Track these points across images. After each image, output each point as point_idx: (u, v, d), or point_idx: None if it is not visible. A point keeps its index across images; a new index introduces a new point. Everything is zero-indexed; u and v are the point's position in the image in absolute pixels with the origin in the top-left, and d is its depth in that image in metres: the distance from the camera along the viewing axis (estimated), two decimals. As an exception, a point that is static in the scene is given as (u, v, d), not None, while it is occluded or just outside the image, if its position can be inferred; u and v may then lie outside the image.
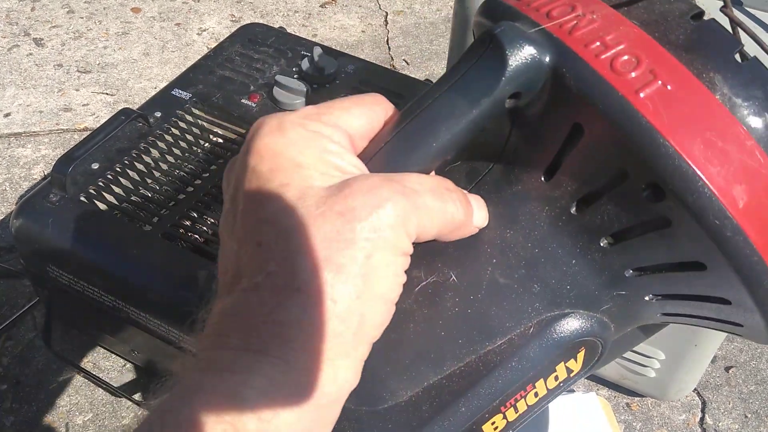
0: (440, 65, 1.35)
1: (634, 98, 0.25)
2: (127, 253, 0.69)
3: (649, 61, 0.26)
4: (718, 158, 0.25)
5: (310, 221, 0.25)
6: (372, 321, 0.26)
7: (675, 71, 0.26)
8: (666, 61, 0.26)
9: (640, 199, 0.27)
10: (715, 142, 0.25)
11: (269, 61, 0.92)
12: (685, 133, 0.25)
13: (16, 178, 1.10)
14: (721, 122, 0.25)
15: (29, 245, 0.73)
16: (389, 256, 0.25)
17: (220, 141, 0.83)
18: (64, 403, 0.86)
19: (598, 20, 0.27)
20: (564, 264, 0.30)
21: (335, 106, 0.29)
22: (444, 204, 0.28)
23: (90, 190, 0.74)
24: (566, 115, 0.28)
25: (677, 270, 0.28)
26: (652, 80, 0.25)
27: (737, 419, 0.83)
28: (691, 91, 0.25)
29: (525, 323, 0.30)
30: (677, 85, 0.25)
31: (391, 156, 0.29)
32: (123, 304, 0.70)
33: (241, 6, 1.49)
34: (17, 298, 0.94)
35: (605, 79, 0.26)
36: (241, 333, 0.24)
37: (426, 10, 1.51)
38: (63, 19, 1.43)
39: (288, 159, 0.26)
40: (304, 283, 0.24)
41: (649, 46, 0.26)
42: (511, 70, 0.27)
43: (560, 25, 0.28)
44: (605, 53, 0.26)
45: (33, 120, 1.20)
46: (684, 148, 0.25)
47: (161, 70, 1.32)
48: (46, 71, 1.30)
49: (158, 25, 1.43)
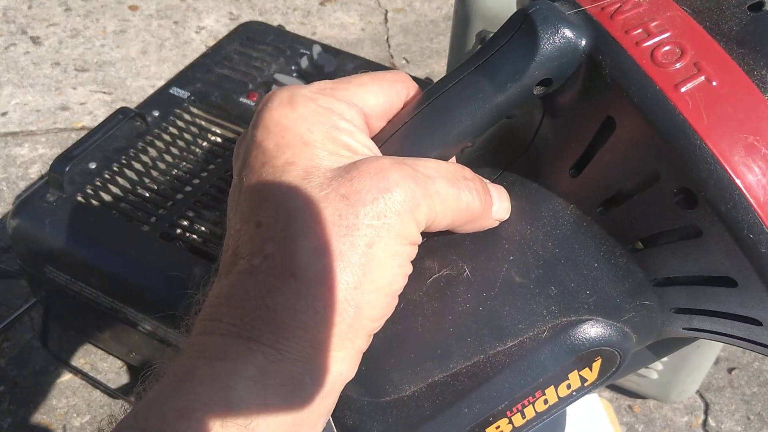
0: (440, 63, 1.34)
1: (672, 93, 0.23)
2: (125, 254, 0.68)
3: (694, 52, 0.24)
4: (760, 166, 0.22)
5: (312, 204, 0.24)
6: (370, 313, 0.24)
7: (723, 66, 0.23)
8: (714, 54, 0.24)
9: (671, 204, 0.24)
10: (758, 149, 0.23)
11: (268, 60, 0.91)
12: (725, 135, 0.23)
13: (12, 178, 1.09)
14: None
15: (26, 245, 0.72)
16: (393, 245, 0.24)
17: (219, 140, 0.82)
18: (62, 404, 0.86)
19: (645, 4, 0.25)
20: (585, 267, 0.28)
21: (353, 81, 0.28)
22: (459, 192, 0.26)
23: (87, 189, 0.74)
24: (599, 107, 0.26)
25: (706, 284, 0.26)
26: (696, 74, 0.23)
27: (740, 421, 0.83)
28: (738, 89, 0.23)
29: (539, 326, 0.28)
30: (723, 82, 0.23)
31: (408, 139, 0.27)
32: (121, 305, 0.69)
33: (240, 4, 1.48)
34: (14, 299, 0.94)
35: (643, 70, 0.24)
36: (233, 318, 0.23)
37: (426, 7, 1.50)
38: (60, 17, 1.42)
39: (296, 135, 0.25)
40: (300, 268, 0.23)
41: (697, 37, 0.24)
42: (543, 54, 0.25)
43: (602, 7, 0.25)
44: (647, 41, 0.24)
45: (30, 119, 1.19)
46: (722, 151, 0.22)
47: (159, 68, 1.31)
48: (43, 70, 1.29)
49: (156, 23, 1.42)
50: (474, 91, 0.27)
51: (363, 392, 0.29)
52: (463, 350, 0.29)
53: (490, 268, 0.29)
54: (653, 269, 0.27)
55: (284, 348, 0.23)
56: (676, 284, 0.27)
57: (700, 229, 0.24)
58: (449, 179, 0.26)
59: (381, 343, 0.28)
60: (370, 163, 0.25)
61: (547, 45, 0.25)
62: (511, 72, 0.26)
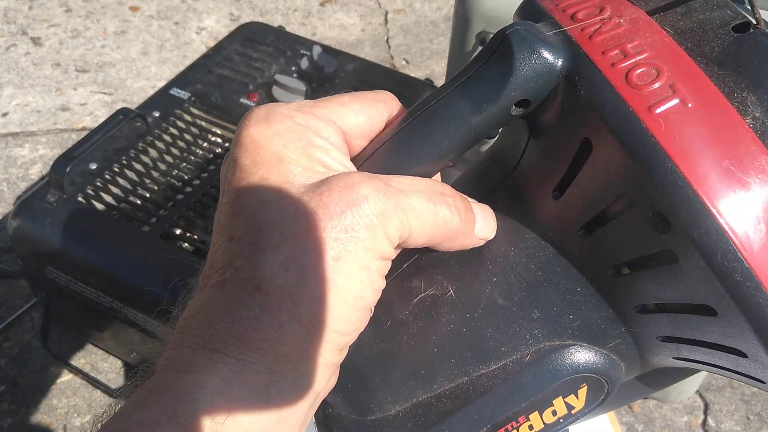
0: (440, 64, 1.34)
1: (645, 115, 0.23)
2: (126, 254, 0.68)
3: (671, 74, 0.23)
4: (735, 191, 0.22)
5: (281, 218, 0.24)
6: (338, 327, 0.24)
7: (700, 87, 0.23)
8: (691, 76, 0.23)
9: (648, 229, 0.24)
10: (733, 173, 0.22)
11: (268, 60, 0.91)
12: (699, 159, 0.22)
13: (13, 179, 1.09)
14: (746, 150, 0.22)
15: (27, 246, 0.72)
16: (362, 259, 0.24)
17: (219, 141, 0.82)
18: (62, 404, 0.86)
19: (625, 25, 0.25)
20: (568, 291, 0.28)
21: (333, 100, 0.28)
22: (436, 207, 0.26)
23: (88, 190, 0.74)
24: (576, 128, 0.25)
25: (688, 312, 0.25)
26: (671, 96, 0.23)
27: (739, 421, 0.83)
28: (714, 111, 0.22)
29: (522, 350, 0.28)
30: (699, 104, 0.22)
31: (387, 157, 0.27)
32: (121, 305, 0.70)
33: (240, 4, 1.48)
34: (15, 299, 0.94)
35: (617, 91, 0.23)
36: (200, 330, 0.24)
37: (426, 8, 1.50)
38: (61, 17, 1.42)
39: (271, 152, 0.25)
40: (265, 281, 0.23)
41: (676, 58, 0.23)
42: (519, 75, 0.25)
43: (582, 28, 0.25)
44: (623, 62, 0.24)
45: (30, 119, 1.19)
46: (694, 175, 0.22)
47: (159, 69, 1.31)
48: (43, 70, 1.30)
49: (156, 23, 1.42)
50: (452, 111, 0.27)
51: (350, 410, 0.29)
52: (446, 371, 0.29)
53: (474, 289, 0.29)
54: (635, 295, 0.26)
55: (248, 359, 0.23)
56: (659, 311, 0.26)
57: (676, 254, 0.23)
58: (425, 194, 0.26)
59: (368, 360, 0.28)
60: (340, 177, 0.25)
61: (523, 66, 0.25)
62: (488, 93, 0.26)
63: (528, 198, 0.29)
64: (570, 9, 0.26)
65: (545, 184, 0.28)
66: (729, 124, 0.22)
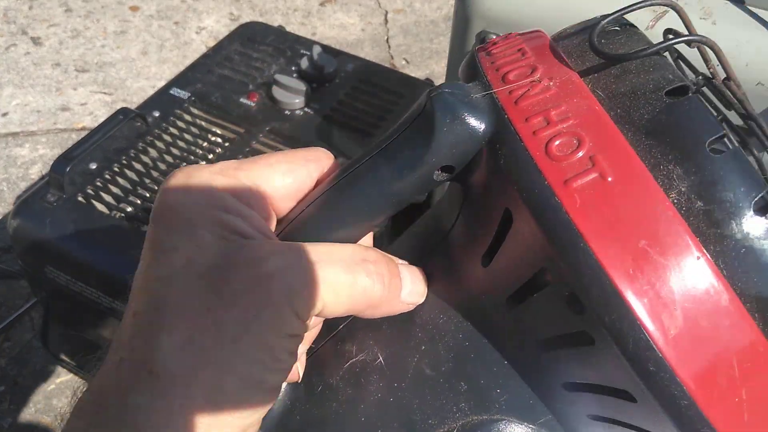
0: (440, 63, 1.34)
1: (561, 189, 0.21)
2: (125, 254, 0.68)
3: (592, 144, 0.22)
4: (651, 275, 0.20)
5: (182, 296, 0.23)
6: (237, 412, 0.23)
7: (622, 159, 0.21)
8: (615, 146, 0.21)
9: (565, 307, 0.23)
10: (649, 255, 0.20)
11: (268, 60, 0.91)
12: (613, 239, 0.20)
13: (13, 178, 1.09)
14: (666, 229, 0.20)
15: (27, 246, 0.72)
16: (266, 340, 0.23)
17: (219, 141, 0.82)
18: (62, 404, 0.86)
19: (554, 88, 0.23)
20: (495, 363, 0.26)
21: (260, 161, 0.27)
22: (354, 277, 0.25)
23: (88, 190, 0.74)
24: (499, 197, 0.24)
25: (611, 395, 0.24)
26: (590, 169, 0.21)
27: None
28: (635, 186, 0.21)
29: (449, 423, 0.26)
30: (619, 177, 0.21)
31: (311, 222, 0.26)
32: (121, 305, 0.70)
33: (240, 4, 1.48)
34: (15, 299, 0.94)
35: (535, 162, 0.22)
36: (91, 416, 0.23)
37: (426, 8, 1.50)
38: (61, 17, 1.43)
39: (184, 220, 0.24)
40: (158, 365, 0.22)
41: (600, 126, 0.22)
42: (440, 141, 0.24)
43: (510, 90, 0.24)
44: (545, 131, 0.22)
45: (30, 119, 1.19)
46: (607, 256, 0.20)
47: (159, 69, 1.31)
48: (43, 70, 1.30)
49: (156, 23, 1.42)
50: (375, 176, 0.26)
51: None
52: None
53: (403, 358, 0.28)
54: (561, 372, 0.25)
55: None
56: (586, 391, 0.25)
57: (592, 337, 0.22)
58: (344, 263, 0.25)
59: (298, 427, 0.27)
60: (249, 250, 0.23)
61: (445, 133, 0.24)
62: (410, 159, 0.25)
63: (459, 263, 0.27)
64: (503, 68, 0.25)
65: (475, 250, 0.26)
66: (650, 200, 0.21)
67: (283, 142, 0.81)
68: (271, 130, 0.82)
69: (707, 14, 0.52)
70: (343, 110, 0.86)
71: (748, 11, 0.52)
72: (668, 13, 0.51)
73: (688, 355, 0.20)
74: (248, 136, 0.82)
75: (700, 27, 0.51)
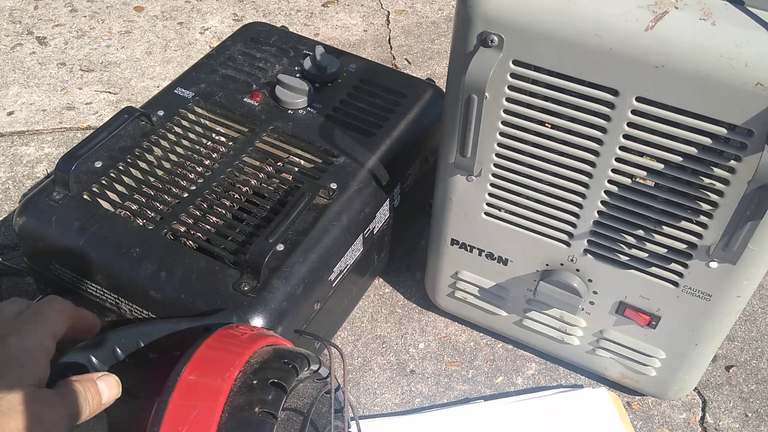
0: (442, 64, 1.35)
1: None
2: (130, 252, 0.69)
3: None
4: None
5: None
6: None
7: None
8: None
9: None
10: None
11: (271, 60, 0.92)
12: None
13: (19, 177, 1.10)
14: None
15: (32, 243, 0.73)
16: None
17: (223, 139, 0.83)
18: (67, 400, 0.86)
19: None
20: None
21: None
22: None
23: (93, 188, 0.75)
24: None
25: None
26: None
27: (738, 418, 0.84)
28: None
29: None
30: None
31: None
32: (126, 303, 0.70)
33: (244, 5, 1.49)
34: (20, 296, 0.95)
35: None
36: None
37: (428, 9, 1.51)
38: (66, 17, 1.44)
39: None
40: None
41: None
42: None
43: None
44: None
45: (36, 118, 1.20)
46: None
47: (164, 68, 1.32)
48: (49, 70, 1.31)
49: (161, 23, 1.43)
50: None
51: None
52: None
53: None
54: None
55: None
56: None
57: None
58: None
59: None
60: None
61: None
62: None
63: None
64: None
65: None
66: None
67: (286, 141, 0.82)
68: (274, 129, 0.83)
69: (707, 15, 0.52)
70: (345, 110, 0.86)
71: (747, 12, 0.53)
72: (668, 13, 0.52)
73: None
74: (252, 135, 0.82)
75: (700, 27, 0.51)
